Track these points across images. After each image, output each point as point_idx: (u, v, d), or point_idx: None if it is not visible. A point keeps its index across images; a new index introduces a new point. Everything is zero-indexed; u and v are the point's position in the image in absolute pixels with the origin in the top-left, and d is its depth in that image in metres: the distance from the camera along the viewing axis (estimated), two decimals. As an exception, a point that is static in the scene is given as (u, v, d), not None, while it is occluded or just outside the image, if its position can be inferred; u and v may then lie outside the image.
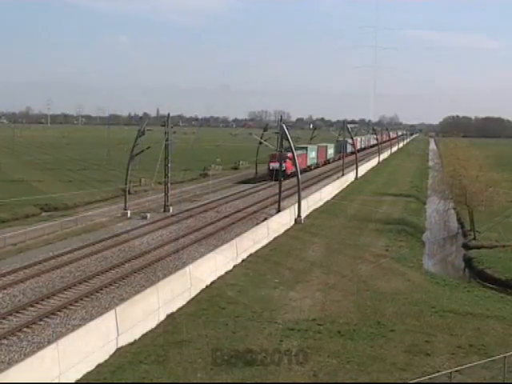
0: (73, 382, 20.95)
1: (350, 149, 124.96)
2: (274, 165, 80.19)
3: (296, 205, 56.43)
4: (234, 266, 38.46)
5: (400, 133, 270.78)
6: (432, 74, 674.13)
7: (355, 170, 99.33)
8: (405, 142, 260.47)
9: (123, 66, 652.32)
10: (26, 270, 35.21)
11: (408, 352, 25.02)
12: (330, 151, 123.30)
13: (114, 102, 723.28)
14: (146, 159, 62.36)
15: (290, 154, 75.25)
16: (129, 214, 55.99)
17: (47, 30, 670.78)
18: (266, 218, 52.13)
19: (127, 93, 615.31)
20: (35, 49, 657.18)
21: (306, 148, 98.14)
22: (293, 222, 54.95)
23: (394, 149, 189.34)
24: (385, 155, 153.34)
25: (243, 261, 40.10)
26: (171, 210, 58.20)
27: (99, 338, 23.57)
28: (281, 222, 51.67)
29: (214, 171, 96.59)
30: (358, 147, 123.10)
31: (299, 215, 55.93)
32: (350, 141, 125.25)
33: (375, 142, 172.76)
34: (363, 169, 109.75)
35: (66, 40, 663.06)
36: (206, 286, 33.67)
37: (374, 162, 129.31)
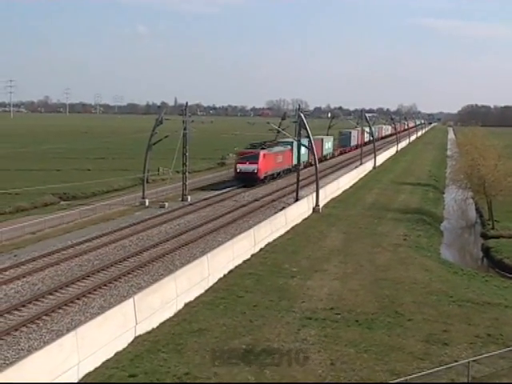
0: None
1: (353, 142, 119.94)
2: (243, 166, 67.35)
3: (314, 194, 56.35)
4: (252, 255, 38.50)
5: (418, 122, 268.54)
6: (450, 63, 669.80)
7: (373, 160, 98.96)
8: (423, 131, 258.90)
9: (142, 54, 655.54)
10: (44, 259, 35.50)
11: (426, 341, 24.93)
12: (328, 145, 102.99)
13: (132, 90, 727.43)
14: (163, 148, 62.58)
15: (263, 153, 67.68)
16: (147, 203, 56.19)
17: (65, 19, 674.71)
18: (283, 207, 52.04)
19: (145, 82, 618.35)
20: (54, 38, 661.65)
21: (291, 143, 74.11)
22: (311, 211, 54.90)
23: (413, 138, 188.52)
24: (403, 144, 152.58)
25: (261, 250, 40.14)
26: (189, 199, 58.34)
27: (118, 327, 23.70)
28: (298, 211, 51.65)
29: (232, 160, 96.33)
30: (366, 139, 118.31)
31: (317, 204, 55.87)
32: (354, 132, 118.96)
33: (388, 132, 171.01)
34: (381, 158, 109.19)
35: (85, 29, 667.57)
36: (224, 275, 33.76)
37: (392, 151, 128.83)
